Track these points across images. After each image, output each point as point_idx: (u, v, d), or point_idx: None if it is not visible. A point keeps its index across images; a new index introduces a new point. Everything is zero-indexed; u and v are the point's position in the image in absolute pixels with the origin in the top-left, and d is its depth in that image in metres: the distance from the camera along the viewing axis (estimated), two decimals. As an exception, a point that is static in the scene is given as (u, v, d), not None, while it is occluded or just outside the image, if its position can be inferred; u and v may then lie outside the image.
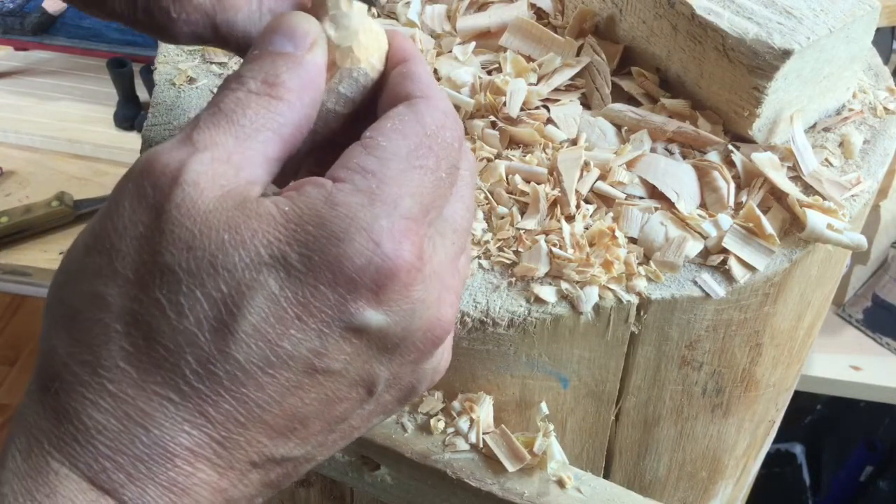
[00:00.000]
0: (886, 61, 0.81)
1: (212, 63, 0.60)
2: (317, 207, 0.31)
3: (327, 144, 0.37)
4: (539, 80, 0.55)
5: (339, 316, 0.31)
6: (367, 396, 0.35)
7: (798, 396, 0.77)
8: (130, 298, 0.30)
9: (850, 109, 0.56)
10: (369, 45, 0.37)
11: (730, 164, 0.51)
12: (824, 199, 0.49)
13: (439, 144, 0.34)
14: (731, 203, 0.49)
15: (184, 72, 0.59)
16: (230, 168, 0.31)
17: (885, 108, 0.56)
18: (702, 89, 0.53)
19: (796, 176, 0.51)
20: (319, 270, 0.30)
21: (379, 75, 0.38)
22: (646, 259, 0.47)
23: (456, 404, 0.49)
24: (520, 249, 0.47)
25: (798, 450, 1.81)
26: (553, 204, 0.48)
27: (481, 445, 0.48)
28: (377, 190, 0.32)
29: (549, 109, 0.54)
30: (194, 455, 0.30)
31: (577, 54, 0.57)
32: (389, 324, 0.32)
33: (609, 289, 0.46)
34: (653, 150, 0.52)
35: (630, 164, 0.50)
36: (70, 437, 0.30)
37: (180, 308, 0.30)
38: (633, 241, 0.48)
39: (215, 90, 0.39)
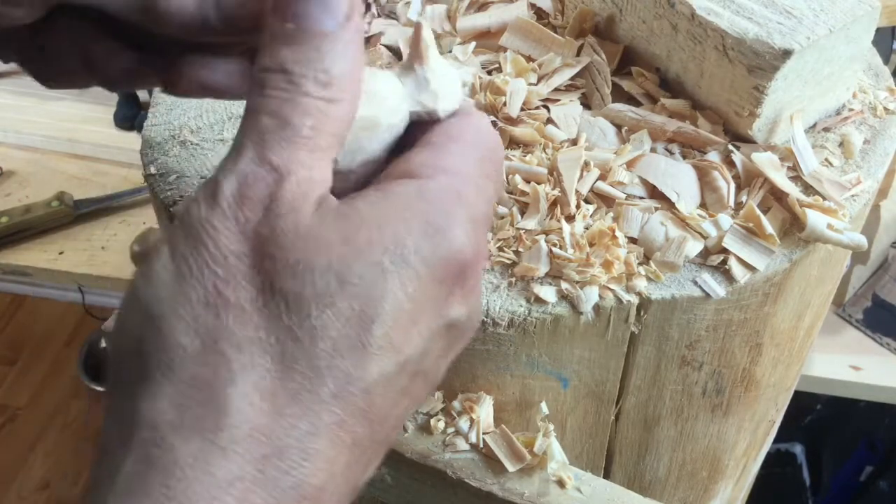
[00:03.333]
0: (886, 61, 0.81)
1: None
2: (413, 203, 0.30)
3: None
4: (539, 80, 0.55)
5: (440, 313, 0.31)
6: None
7: (798, 396, 0.77)
8: (252, 328, 0.28)
9: (850, 109, 0.56)
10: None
11: (730, 164, 0.51)
12: (824, 199, 0.49)
13: (497, 158, 0.35)
14: (731, 203, 0.49)
15: (184, 72, 0.59)
16: (314, 185, 0.30)
17: (885, 108, 0.56)
18: (702, 89, 0.53)
19: (796, 176, 0.51)
20: (433, 268, 0.30)
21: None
22: (646, 259, 0.47)
23: (456, 404, 0.49)
24: (520, 249, 0.47)
25: (798, 450, 1.81)
26: (553, 204, 0.49)
27: (481, 445, 0.48)
28: (462, 189, 0.32)
29: (549, 109, 0.54)
30: (320, 492, 0.28)
31: (577, 54, 0.57)
32: (466, 317, 0.32)
33: (609, 289, 0.46)
34: (653, 150, 0.52)
35: (630, 164, 0.50)
36: (193, 497, 0.26)
37: (314, 332, 0.28)
38: (633, 241, 0.48)
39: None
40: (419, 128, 0.35)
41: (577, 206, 0.48)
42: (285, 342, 0.28)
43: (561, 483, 0.47)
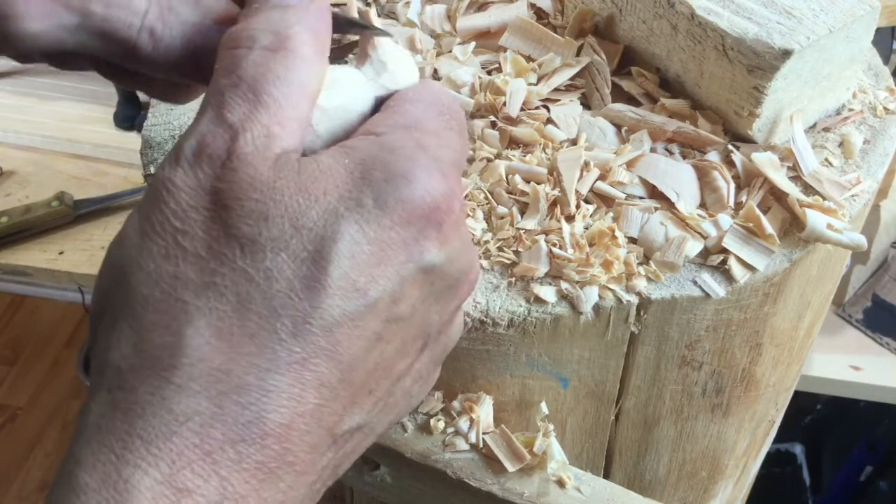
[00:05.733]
0: (886, 61, 0.81)
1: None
2: (375, 153, 0.31)
3: None
4: (539, 80, 0.55)
5: (411, 256, 0.31)
6: (421, 351, 0.34)
7: (798, 396, 0.77)
8: (209, 273, 0.29)
9: (850, 109, 0.56)
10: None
11: (730, 164, 0.51)
12: (824, 199, 0.49)
13: (455, 111, 0.35)
14: (731, 203, 0.49)
15: (184, 72, 0.59)
16: (272, 140, 0.31)
17: (885, 108, 0.56)
18: (702, 89, 0.53)
19: (796, 176, 0.51)
20: (393, 211, 0.31)
21: None
22: (646, 259, 0.47)
23: (456, 404, 0.49)
24: (520, 249, 0.47)
25: (798, 450, 1.81)
26: (553, 204, 0.49)
27: (481, 445, 0.48)
28: (422, 139, 0.33)
29: (549, 109, 0.54)
30: (287, 430, 0.29)
31: (577, 54, 0.57)
32: (445, 262, 0.33)
33: (609, 289, 0.46)
34: (653, 150, 0.52)
35: (630, 164, 0.50)
36: (152, 432, 0.28)
37: (269, 274, 0.29)
38: (633, 241, 0.48)
39: None
40: None
41: (577, 206, 0.48)
42: (240, 283, 0.29)
43: (561, 483, 0.47)
